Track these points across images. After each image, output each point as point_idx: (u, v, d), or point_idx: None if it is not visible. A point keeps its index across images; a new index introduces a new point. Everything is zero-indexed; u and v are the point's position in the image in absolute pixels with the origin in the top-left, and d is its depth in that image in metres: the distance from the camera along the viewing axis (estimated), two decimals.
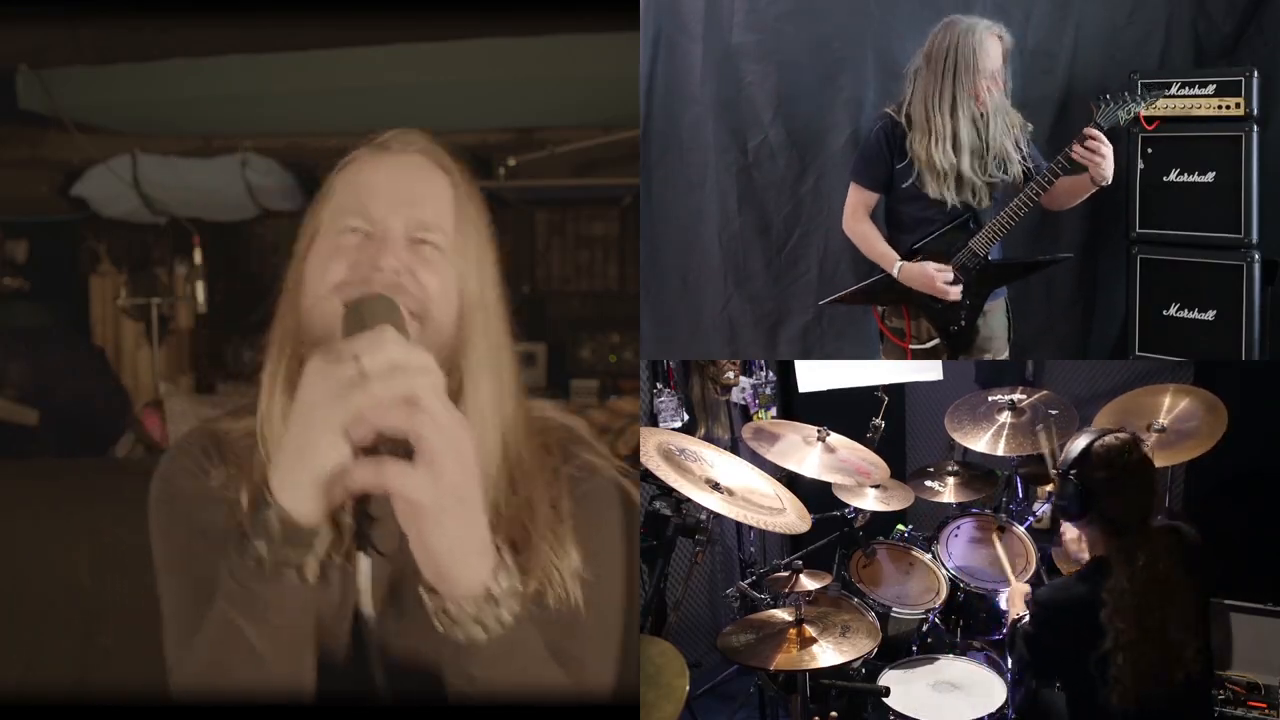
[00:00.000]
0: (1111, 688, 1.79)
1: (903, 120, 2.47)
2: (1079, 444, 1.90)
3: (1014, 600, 2.31)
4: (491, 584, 1.01)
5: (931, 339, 2.60)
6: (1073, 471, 1.89)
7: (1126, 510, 1.86)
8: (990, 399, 2.98)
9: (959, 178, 2.43)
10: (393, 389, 0.96)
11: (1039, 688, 2.17)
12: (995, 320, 2.63)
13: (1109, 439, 1.89)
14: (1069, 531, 2.32)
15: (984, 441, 2.86)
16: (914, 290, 2.53)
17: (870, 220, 2.61)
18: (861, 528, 2.81)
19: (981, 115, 2.41)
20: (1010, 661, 2.26)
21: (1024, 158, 2.47)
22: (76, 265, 5.08)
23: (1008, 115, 2.46)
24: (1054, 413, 2.90)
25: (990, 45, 2.39)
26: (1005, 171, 2.45)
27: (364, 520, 1.06)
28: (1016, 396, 2.94)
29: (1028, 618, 2.02)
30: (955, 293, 2.48)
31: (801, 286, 3.07)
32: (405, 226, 1.20)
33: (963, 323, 2.56)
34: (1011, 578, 2.55)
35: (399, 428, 0.97)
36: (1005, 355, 2.68)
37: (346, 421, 0.96)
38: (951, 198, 2.45)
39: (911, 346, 2.61)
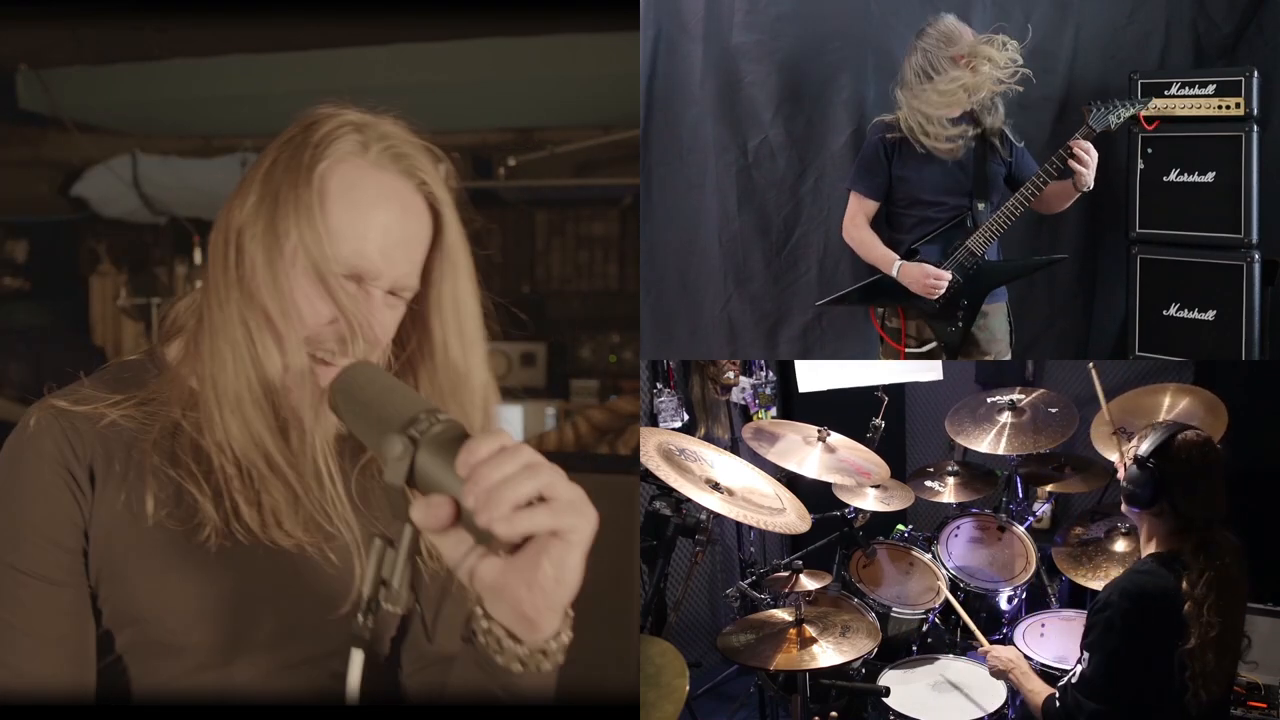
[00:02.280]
0: (1192, 687, 1.75)
1: (900, 129, 2.49)
2: (1159, 434, 1.88)
3: (1020, 673, 2.09)
4: (557, 639, 1.03)
5: (928, 341, 2.61)
6: (1151, 460, 1.86)
7: (1200, 506, 1.84)
8: (990, 400, 2.98)
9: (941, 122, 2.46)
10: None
11: (1106, 708, 1.86)
12: (996, 323, 2.63)
13: (1190, 434, 1.87)
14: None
15: (985, 442, 2.87)
16: (911, 291, 2.55)
17: (867, 226, 2.63)
18: (861, 528, 2.81)
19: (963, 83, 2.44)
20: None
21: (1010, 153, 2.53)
22: (76, 265, 5.08)
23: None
24: (1054, 411, 2.90)
25: (959, 27, 2.46)
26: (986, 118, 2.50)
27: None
28: (1016, 396, 2.94)
29: (1109, 605, 1.84)
30: (940, 288, 2.51)
31: (801, 286, 3.07)
32: (391, 284, 1.16)
33: (959, 324, 2.57)
34: (984, 641, 2.33)
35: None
36: (1008, 357, 2.69)
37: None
38: (945, 140, 2.48)
39: (907, 349, 2.63)
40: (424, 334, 1.23)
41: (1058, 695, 1.90)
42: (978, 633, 2.37)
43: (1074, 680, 1.86)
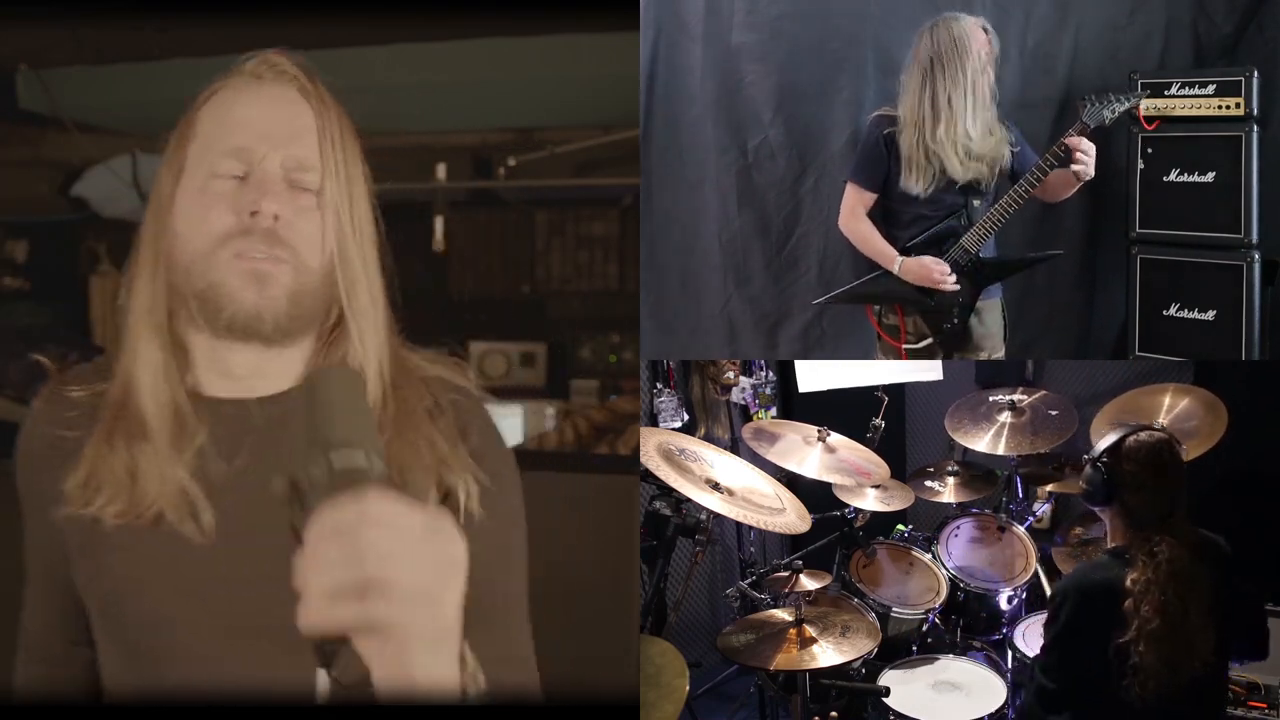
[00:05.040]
0: (1131, 678, 1.79)
1: (900, 118, 2.50)
2: (1113, 435, 1.94)
3: None
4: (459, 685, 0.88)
5: (925, 338, 2.62)
6: (1102, 460, 1.92)
7: (1149, 506, 1.89)
8: (991, 399, 2.98)
9: (942, 169, 2.45)
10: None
11: (1054, 687, 1.99)
12: (991, 319, 2.64)
13: (1143, 435, 1.92)
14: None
15: (984, 442, 2.87)
16: (908, 287, 2.55)
17: (866, 219, 2.63)
18: (861, 528, 2.81)
19: (971, 108, 2.42)
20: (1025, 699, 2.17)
21: (1012, 143, 2.50)
22: (76, 265, 5.07)
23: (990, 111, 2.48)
24: (1054, 413, 2.90)
25: (975, 36, 2.42)
26: (988, 165, 2.47)
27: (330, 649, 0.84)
28: (1016, 397, 2.94)
29: (1063, 594, 1.94)
30: (951, 283, 2.51)
31: (801, 286, 3.07)
32: (283, 167, 1.14)
33: (955, 321, 2.57)
34: None
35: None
36: (1001, 354, 2.69)
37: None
38: (928, 188, 2.47)
39: (906, 346, 2.63)
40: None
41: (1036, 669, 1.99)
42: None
43: (1038, 655, 2.00)
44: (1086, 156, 2.38)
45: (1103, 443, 1.95)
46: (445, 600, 0.81)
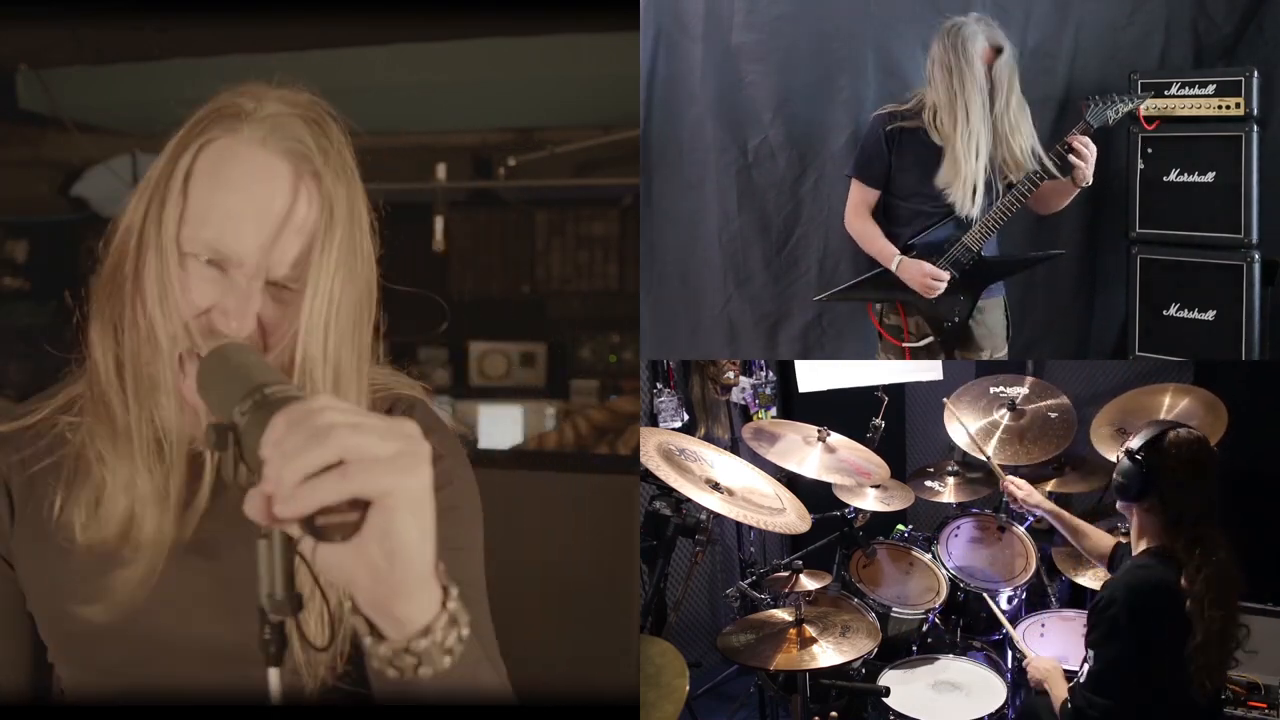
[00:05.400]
0: (1196, 679, 1.76)
1: (903, 119, 2.49)
2: (1151, 430, 1.90)
3: (1053, 681, 2.07)
4: (428, 635, 0.88)
5: (925, 336, 2.62)
6: (1140, 454, 1.87)
7: (1189, 504, 1.84)
8: (993, 390, 3.00)
9: (984, 184, 2.45)
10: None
11: (1108, 703, 1.86)
12: (993, 319, 2.64)
13: (1182, 431, 1.88)
14: (1017, 483, 2.45)
15: (976, 430, 2.88)
16: (909, 287, 2.55)
17: (869, 217, 2.63)
18: (861, 528, 2.81)
19: (997, 113, 2.42)
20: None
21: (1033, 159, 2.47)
22: (76, 265, 5.07)
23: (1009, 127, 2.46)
24: (1054, 415, 2.90)
25: (979, 37, 2.42)
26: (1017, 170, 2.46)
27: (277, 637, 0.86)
28: (1024, 390, 2.96)
29: (1114, 602, 1.84)
30: (941, 290, 2.51)
31: (801, 286, 3.07)
32: (266, 275, 1.09)
33: (956, 319, 2.57)
34: (1026, 651, 2.31)
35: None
36: (1004, 354, 2.69)
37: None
38: (972, 207, 2.46)
39: (908, 345, 2.63)
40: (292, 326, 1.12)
41: (1068, 697, 1.90)
42: (1016, 636, 2.40)
43: (1082, 680, 1.86)
44: (1087, 156, 2.38)
45: (1139, 437, 1.90)
46: (419, 465, 0.82)
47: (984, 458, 2.76)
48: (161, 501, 1.14)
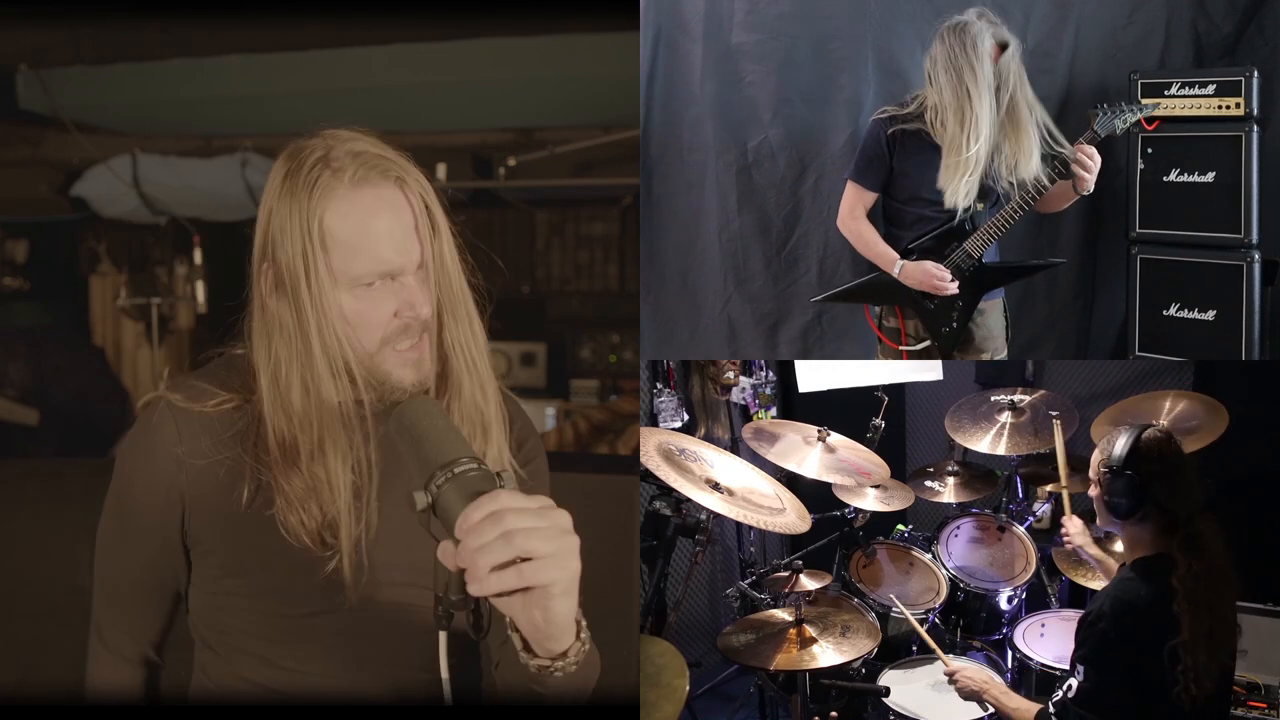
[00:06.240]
0: (1181, 682, 1.72)
1: (904, 122, 2.49)
2: (1125, 440, 1.84)
3: (994, 691, 2.05)
4: (564, 657, 1.16)
5: (923, 340, 2.62)
6: (1128, 468, 1.82)
7: (1182, 501, 1.81)
8: (992, 399, 2.98)
9: (985, 186, 2.45)
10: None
11: (1116, 701, 1.84)
12: (993, 320, 2.64)
13: (1153, 432, 1.85)
14: (1073, 524, 2.33)
15: (985, 442, 2.86)
16: (908, 290, 2.54)
17: (867, 219, 2.63)
18: (861, 528, 2.81)
19: (1007, 109, 2.41)
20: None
21: (1053, 144, 2.45)
22: (76, 265, 5.08)
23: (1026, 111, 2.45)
24: (1054, 414, 2.90)
25: (985, 35, 2.41)
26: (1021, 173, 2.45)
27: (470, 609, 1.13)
28: (1017, 397, 2.94)
29: (1102, 616, 1.82)
30: (952, 287, 2.51)
31: (801, 286, 3.07)
32: (415, 267, 1.36)
33: (954, 324, 2.57)
34: (947, 660, 2.28)
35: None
36: (1003, 355, 2.69)
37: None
38: (975, 206, 2.46)
39: (905, 348, 2.63)
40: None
41: (1053, 712, 1.84)
42: (939, 651, 2.29)
43: (1070, 695, 1.81)
44: (1091, 167, 2.38)
45: (1117, 449, 1.84)
46: (572, 561, 1.08)
47: (1062, 488, 2.59)
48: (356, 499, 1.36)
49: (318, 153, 1.33)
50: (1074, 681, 1.81)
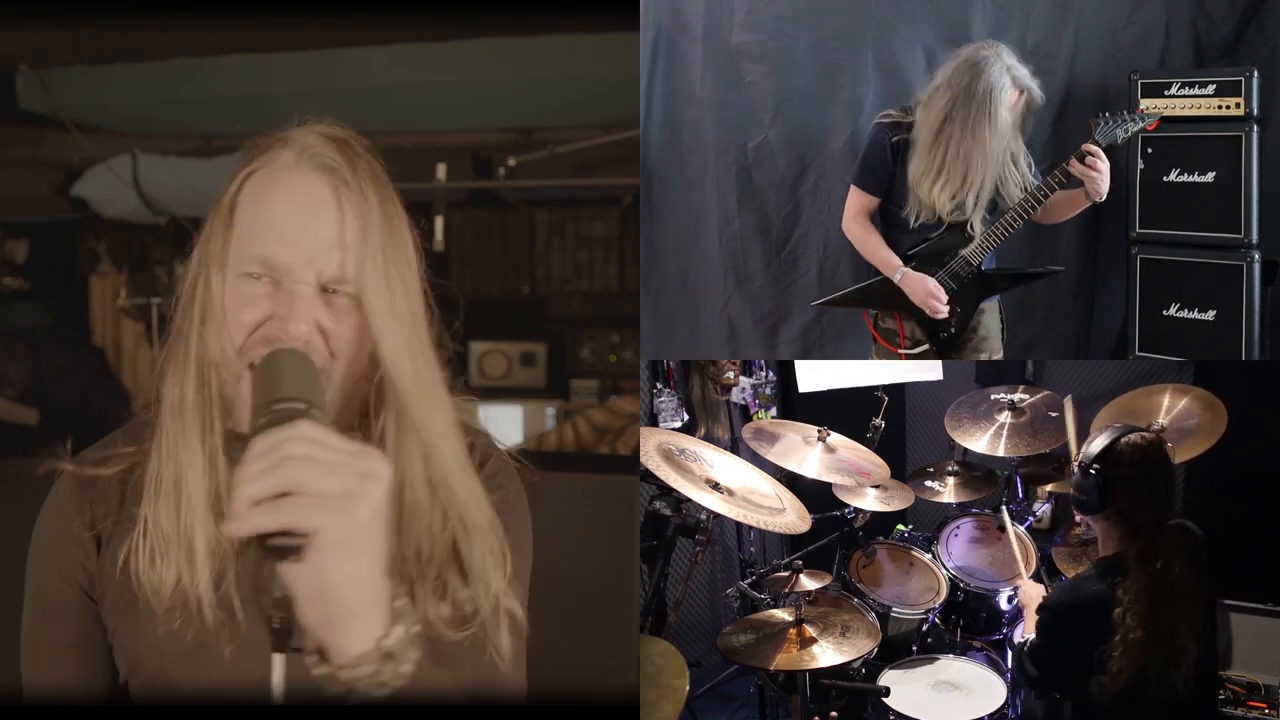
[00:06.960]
0: (1108, 682, 1.78)
1: (908, 130, 2.49)
2: (1103, 439, 1.89)
3: (1029, 604, 2.22)
4: (386, 641, 0.94)
5: (920, 344, 2.62)
6: (1095, 466, 1.87)
7: (1146, 510, 1.85)
8: (992, 397, 2.98)
9: (934, 211, 2.48)
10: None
11: (1041, 699, 2.14)
12: (989, 320, 2.64)
13: (1134, 436, 1.87)
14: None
15: (984, 442, 2.86)
16: (908, 296, 2.55)
17: (871, 224, 2.63)
18: (861, 528, 2.81)
19: (981, 159, 2.41)
20: (1013, 666, 2.26)
21: (1024, 187, 2.48)
22: (76, 265, 5.07)
23: (1010, 157, 2.46)
24: (1054, 415, 2.90)
25: (1006, 91, 2.39)
26: (993, 211, 2.49)
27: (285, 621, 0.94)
28: (1017, 396, 2.94)
29: (1034, 627, 1.99)
30: (943, 312, 2.52)
31: (801, 286, 3.07)
32: (316, 278, 1.12)
33: (952, 329, 2.58)
34: (1024, 575, 2.48)
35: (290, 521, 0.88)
36: (999, 355, 2.69)
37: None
38: (927, 216, 2.49)
39: (902, 351, 2.63)
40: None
41: (1024, 649, 2.02)
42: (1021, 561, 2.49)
43: (1024, 643, 2.02)
44: (1101, 168, 2.36)
45: (1093, 446, 1.89)
46: (357, 507, 0.88)
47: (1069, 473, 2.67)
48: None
49: (285, 134, 1.18)
50: (1031, 638, 1.98)
